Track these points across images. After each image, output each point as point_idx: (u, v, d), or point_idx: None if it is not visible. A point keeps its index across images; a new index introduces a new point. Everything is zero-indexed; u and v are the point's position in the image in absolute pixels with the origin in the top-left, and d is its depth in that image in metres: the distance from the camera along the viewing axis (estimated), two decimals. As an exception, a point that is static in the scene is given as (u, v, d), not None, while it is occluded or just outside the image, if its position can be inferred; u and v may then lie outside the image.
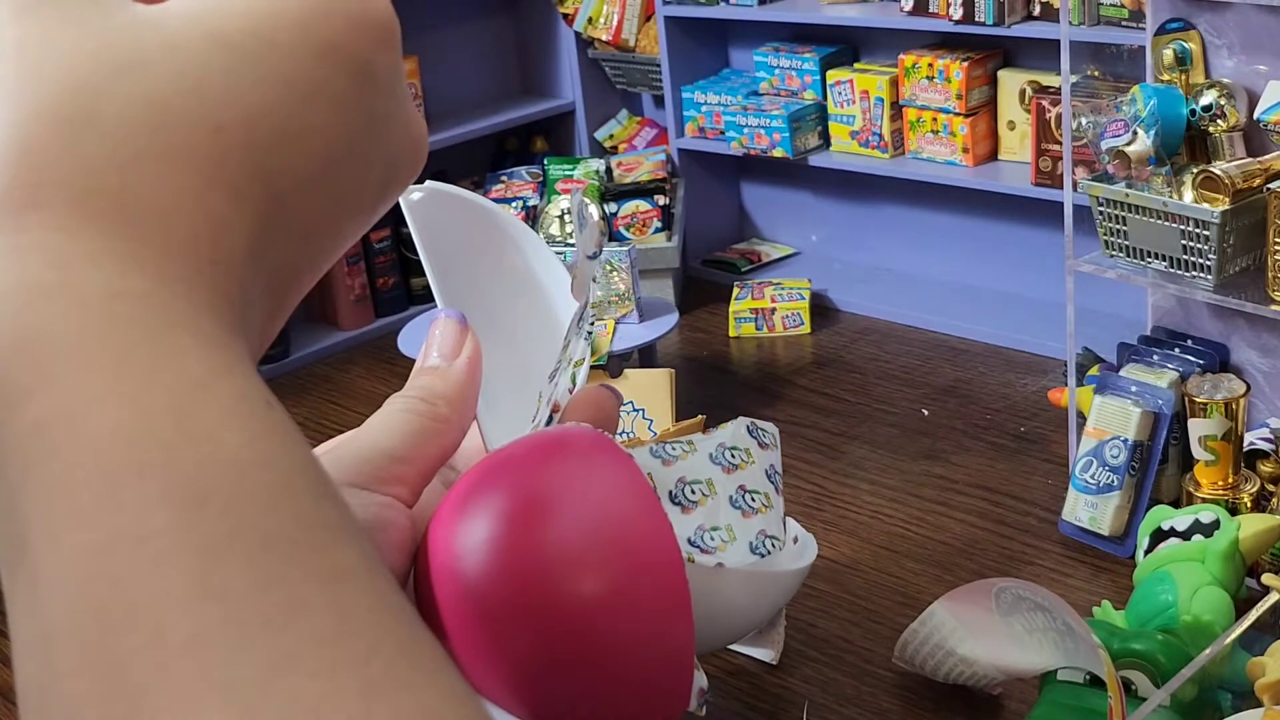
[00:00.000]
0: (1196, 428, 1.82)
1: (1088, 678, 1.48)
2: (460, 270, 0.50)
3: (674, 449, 0.42)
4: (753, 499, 0.42)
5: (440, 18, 3.13)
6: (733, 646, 1.72)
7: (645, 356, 2.49)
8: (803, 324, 2.73)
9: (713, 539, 0.41)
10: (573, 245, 2.65)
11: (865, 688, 1.67)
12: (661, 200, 2.88)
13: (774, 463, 0.44)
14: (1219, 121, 1.81)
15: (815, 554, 0.50)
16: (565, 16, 3.16)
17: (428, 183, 0.48)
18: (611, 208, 2.88)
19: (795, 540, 0.51)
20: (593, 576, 0.33)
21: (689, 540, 0.40)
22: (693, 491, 0.42)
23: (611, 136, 3.26)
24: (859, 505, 2.08)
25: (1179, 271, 1.82)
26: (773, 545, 0.42)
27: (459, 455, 0.39)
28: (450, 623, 0.34)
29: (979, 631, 1.55)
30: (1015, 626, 1.49)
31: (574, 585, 0.33)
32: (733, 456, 0.42)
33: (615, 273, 2.48)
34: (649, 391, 2.21)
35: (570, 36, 3.17)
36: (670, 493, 0.41)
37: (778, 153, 2.80)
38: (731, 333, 2.76)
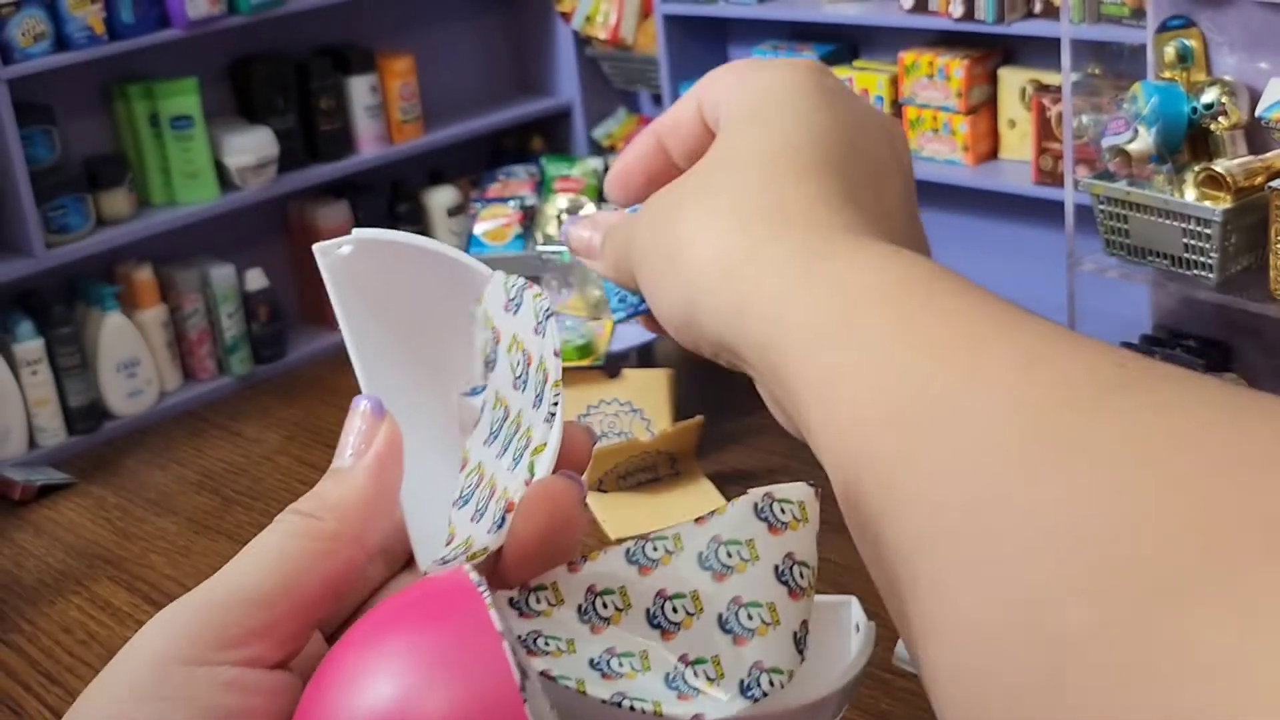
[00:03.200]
0: (1198, 427, 1.80)
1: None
2: (396, 331, 0.42)
3: (655, 549, 0.33)
4: (749, 616, 0.32)
5: (437, 16, 3.12)
6: None
7: (643, 356, 2.47)
8: (802, 323, 2.72)
9: (695, 677, 0.32)
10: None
11: (866, 690, 1.66)
12: (660, 199, 2.87)
13: (793, 550, 0.33)
14: (1221, 119, 1.80)
15: (869, 651, 0.39)
16: (563, 14, 3.15)
17: (357, 232, 0.40)
18: (610, 207, 2.86)
19: (857, 628, 0.39)
20: None
21: (666, 679, 0.32)
22: (674, 610, 0.33)
23: (609, 135, 3.25)
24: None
25: (1180, 270, 1.81)
26: (773, 682, 0.32)
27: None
28: None
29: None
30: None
31: None
32: (728, 556, 0.33)
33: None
34: (647, 392, 2.20)
35: (568, 34, 3.16)
36: (648, 611, 0.33)
37: (777, 151, 2.78)
38: (730, 332, 2.74)
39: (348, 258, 0.41)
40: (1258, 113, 1.77)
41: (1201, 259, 1.77)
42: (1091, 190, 1.87)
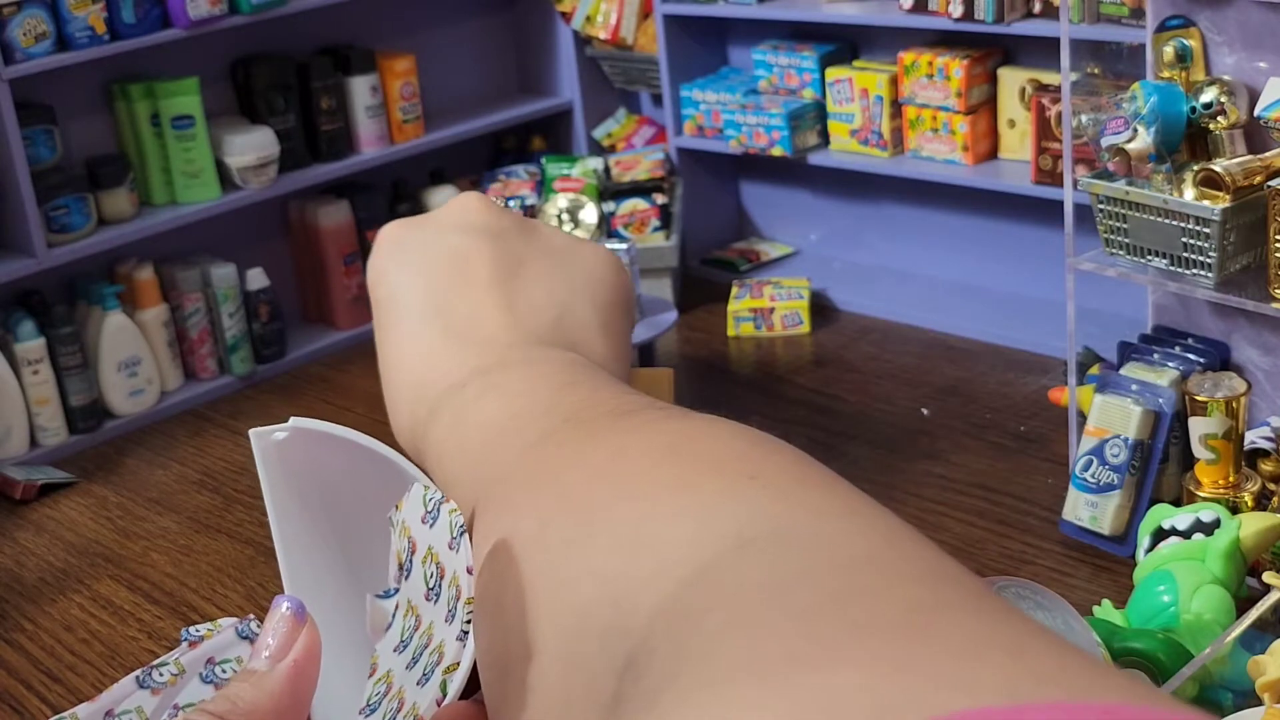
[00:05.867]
0: (1197, 426, 1.81)
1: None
2: (321, 522, 0.42)
3: (161, 675, 0.35)
4: None
5: (437, 16, 3.13)
6: None
7: (644, 355, 2.48)
8: (802, 323, 2.73)
9: None
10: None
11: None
12: (660, 199, 2.87)
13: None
14: (1219, 119, 1.80)
15: None
16: (563, 15, 3.16)
17: (293, 420, 0.41)
18: (610, 207, 2.87)
19: None
20: None
21: None
22: None
23: (610, 135, 3.26)
24: (858, 504, 2.07)
25: (1179, 269, 1.81)
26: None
27: None
28: None
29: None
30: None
31: None
32: (222, 672, 0.35)
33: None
34: (648, 391, 2.19)
35: (568, 35, 3.17)
36: None
37: (777, 151, 2.79)
38: (730, 332, 2.75)
39: (281, 444, 0.41)
40: (1256, 112, 1.78)
41: (1200, 258, 1.78)
42: (1091, 190, 1.87)
